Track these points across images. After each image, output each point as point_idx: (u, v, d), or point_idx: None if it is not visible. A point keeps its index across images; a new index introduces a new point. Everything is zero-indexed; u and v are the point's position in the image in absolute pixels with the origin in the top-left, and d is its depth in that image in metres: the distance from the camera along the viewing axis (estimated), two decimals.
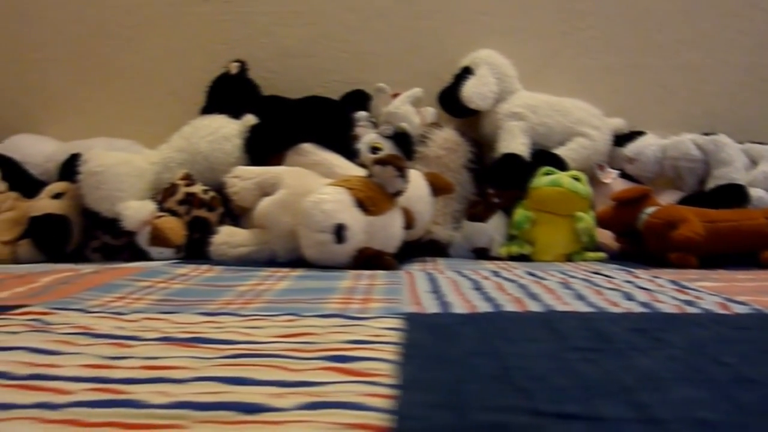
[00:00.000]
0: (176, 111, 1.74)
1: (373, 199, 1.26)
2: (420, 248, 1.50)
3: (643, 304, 0.86)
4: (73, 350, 0.60)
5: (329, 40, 1.77)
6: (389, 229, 1.29)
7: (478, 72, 1.60)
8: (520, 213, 1.47)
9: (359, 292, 0.95)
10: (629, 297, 0.91)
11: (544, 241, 1.45)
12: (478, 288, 0.98)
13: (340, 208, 1.22)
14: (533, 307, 0.83)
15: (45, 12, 1.79)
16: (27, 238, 1.42)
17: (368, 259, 1.23)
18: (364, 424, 0.43)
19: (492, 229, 1.50)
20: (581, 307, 0.84)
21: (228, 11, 1.77)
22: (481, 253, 1.51)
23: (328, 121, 1.55)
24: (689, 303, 0.87)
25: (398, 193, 1.30)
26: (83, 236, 1.46)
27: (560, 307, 0.84)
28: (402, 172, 1.27)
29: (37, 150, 1.66)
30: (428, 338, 0.67)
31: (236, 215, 1.48)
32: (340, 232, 1.20)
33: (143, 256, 1.40)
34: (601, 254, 1.45)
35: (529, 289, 0.97)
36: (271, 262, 1.33)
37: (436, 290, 0.97)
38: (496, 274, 1.16)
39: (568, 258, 1.45)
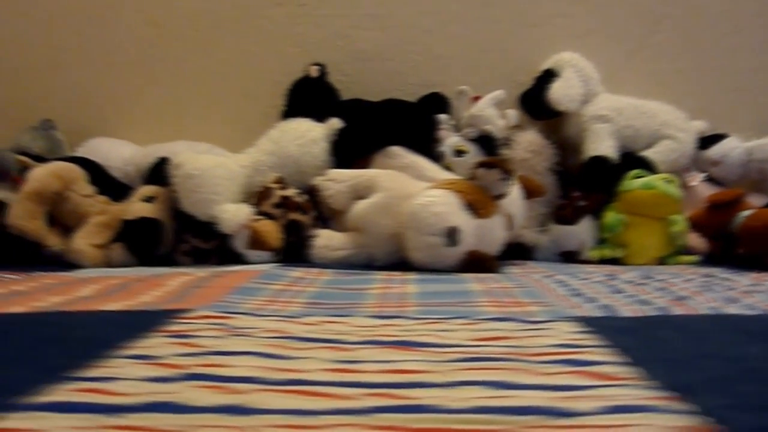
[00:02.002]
0: (251, 114, 1.74)
1: (481, 201, 1.25)
2: (506, 251, 1.49)
3: None
4: (297, 354, 0.60)
5: (405, 44, 1.76)
6: (495, 232, 1.29)
7: (563, 74, 1.59)
8: (611, 216, 1.46)
9: (500, 295, 0.94)
10: None
11: (638, 244, 1.45)
12: (618, 291, 0.98)
13: (451, 211, 1.21)
14: (700, 309, 0.83)
15: (118, 15, 1.78)
16: (119, 242, 1.40)
17: (475, 262, 1.23)
18: (690, 426, 0.42)
19: (582, 232, 1.49)
20: (745, 310, 0.83)
21: (302, 14, 1.76)
22: (570, 257, 1.50)
23: (414, 124, 1.55)
24: None
25: (501, 196, 1.29)
26: (173, 239, 1.44)
27: (725, 310, 0.83)
28: (507, 175, 1.27)
29: (116, 154, 1.64)
30: (632, 341, 0.66)
31: (325, 218, 1.47)
32: (453, 235, 1.20)
33: (233, 259, 1.39)
34: (695, 257, 1.45)
35: (673, 292, 0.96)
36: (369, 265, 1.32)
37: (578, 293, 0.96)
38: (612, 277, 1.15)
39: (661, 261, 1.45)
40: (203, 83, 1.79)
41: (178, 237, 1.45)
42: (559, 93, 1.56)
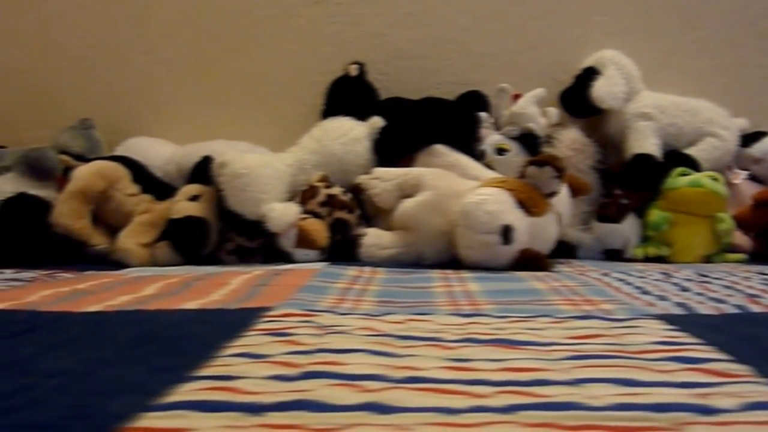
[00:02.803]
0: (288, 113, 1.75)
1: (534, 200, 1.25)
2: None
3: None
4: (404, 352, 0.59)
5: (442, 42, 1.76)
6: (548, 230, 1.28)
7: (605, 72, 1.59)
8: (656, 214, 1.46)
9: (567, 293, 0.94)
10: None
11: (684, 243, 1.44)
12: (685, 289, 0.97)
13: (505, 209, 1.21)
14: None
15: (154, 15, 1.78)
16: (165, 241, 1.40)
17: (528, 261, 1.22)
18: None
19: (626, 230, 1.49)
20: None
21: (339, 13, 1.76)
22: (613, 255, 1.49)
23: (457, 122, 1.55)
24: None
25: (552, 194, 1.29)
26: (218, 238, 1.44)
27: None
28: (559, 173, 1.26)
29: (156, 153, 1.65)
30: (727, 339, 0.66)
31: (369, 216, 1.47)
32: (507, 234, 1.19)
33: (278, 258, 1.39)
34: (742, 255, 1.44)
35: (741, 290, 0.96)
36: (417, 263, 1.32)
37: (645, 291, 0.96)
38: (668, 275, 1.15)
39: (707, 259, 1.44)
40: (239, 82, 1.79)
41: (223, 236, 1.45)
42: (602, 91, 1.56)
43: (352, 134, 1.52)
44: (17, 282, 1.09)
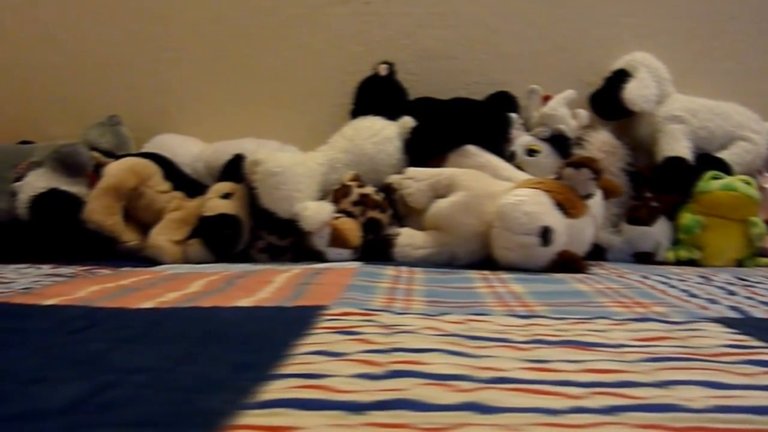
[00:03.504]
0: (316, 112, 1.75)
1: (571, 201, 1.25)
2: None
3: None
4: (480, 353, 0.59)
5: (471, 42, 1.75)
6: (584, 232, 1.28)
7: (637, 75, 1.59)
8: (689, 217, 1.46)
9: (614, 296, 0.94)
10: None
11: (716, 246, 1.44)
12: (732, 293, 0.97)
13: (544, 211, 1.21)
14: None
15: (182, 13, 1.78)
16: (197, 238, 1.40)
17: (565, 263, 1.22)
18: None
19: (657, 233, 1.49)
20: None
21: (368, 12, 1.76)
22: (644, 258, 1.49)
23: (489, 122, 1.54)
24: None
25: (589, 196, 1.29)
26: (249, 237, 1.44)
27: None
28: (596, 175, 1.26)
29: (185, 150, 1.64)
30: None
31: (400, 216, 1.47)
32: (546, 235, 1.19)
33: (308, 257, 1.39)
34: None
35: None
36: (451, 263, 1.32)
37: (692, 294, 0.95)
38: (707, 278, 1.15)
39: (739, 263, 1.44)
40: (266, 81, 1.79)
41: (254, 234, 1.44)
42: (634, 93, 1.56)
43: (384, 134, 1.52)
44: (59, 277, 1.09)
